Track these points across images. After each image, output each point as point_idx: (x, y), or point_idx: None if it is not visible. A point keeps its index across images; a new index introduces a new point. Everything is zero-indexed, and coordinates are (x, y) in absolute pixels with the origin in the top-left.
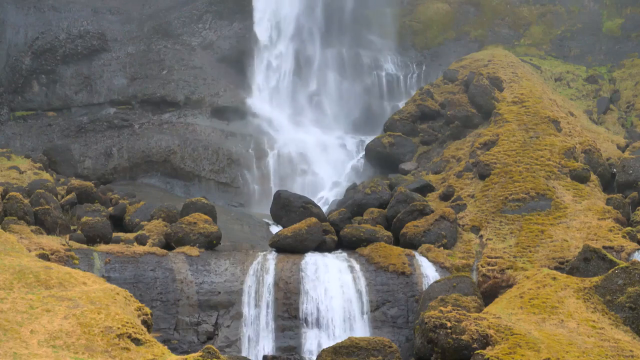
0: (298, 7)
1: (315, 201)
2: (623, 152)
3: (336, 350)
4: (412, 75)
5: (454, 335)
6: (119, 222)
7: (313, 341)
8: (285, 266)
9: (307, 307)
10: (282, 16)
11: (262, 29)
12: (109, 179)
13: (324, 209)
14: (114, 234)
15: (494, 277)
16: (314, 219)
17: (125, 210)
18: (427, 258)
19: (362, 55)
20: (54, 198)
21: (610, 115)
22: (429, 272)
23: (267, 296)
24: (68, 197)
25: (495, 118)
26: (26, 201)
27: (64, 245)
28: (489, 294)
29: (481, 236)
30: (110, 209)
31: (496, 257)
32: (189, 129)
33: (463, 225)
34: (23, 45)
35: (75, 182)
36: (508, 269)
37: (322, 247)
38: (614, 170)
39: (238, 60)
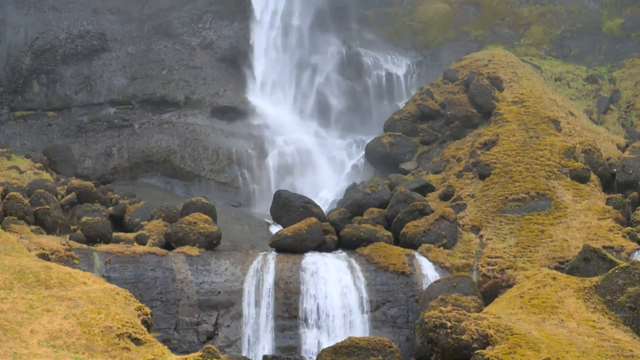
0: (298, 6)
1: (315, 201)
2: (623, 152)
3: (336, 350)
4: (412, 75)
5: (454, 335)
6: (119, 222)
7: (313, 341)
8: (286, 266)
9: (307, 307)
10: (282, 16)
11: (262, 28)
12: (109, 179)
13: (324, 209)
14: (114, 234)
15: (494, 277)
16: (314, 219)
17: (125, 210)
18: (427, 258)
19: (362, 55)
20: (54, 198)
21: (610, 115)
22: (429, 272)
23: (267, 296)
24: (68, 197)
25: (495, 118)
26: (26, 201)
27: (64, 245)
28: (489, 294)
29: (481, 236)
30: (110, 209)
31: (496, 257)
32: (189, 129)
33: (463, 225)
34: (23, 45)
35: (75, 182)
36: (508, 268)
37: (322, 247)
38: (614, 170)
39: (238, 60)
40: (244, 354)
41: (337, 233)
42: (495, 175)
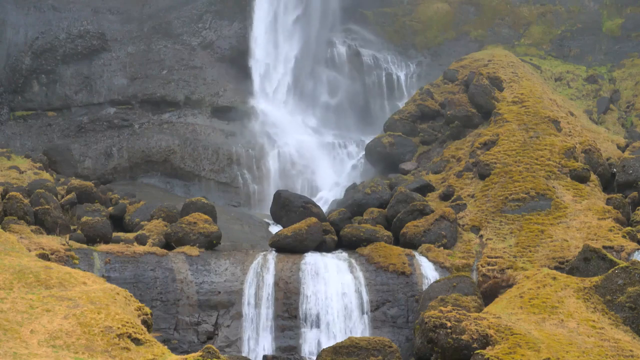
0: (298, 6)
1: (315, 201)
2: (623, 152)
3: (336, 350)
4: (412, 75)
5: (454, 335)
6: (119, 222)
7: (313, 341)
8: (285, 266)
9: (307, 307)
10: (282, 16)
11: (261, 28)
12: (109, 179)
13: (324, 209)
14: (114, 234)
15: (494, 277)
16: (314, 219)
17: (125, 210)
18: (427, 258)
19: (362, 55)
20: (54, 198)
21: (610, 115)
22: (429, 272)
23: (267, 296)
24: (68, 197)
25: (495, 118)
26: (26, 201)
27: (64, 245)
28: (489, 293)
29: (481, 236)
30: (110, 208)
31: (496, 257)
32: (189, 128)
33: (463, 225)
34: (23, 45)
35: (75, 182)
36: (508, 268)
37: (322, 247)
38: (614, 170)
39: (238, 60)
40: (244, 354)
41: (337, 233)
42: (495, 175)
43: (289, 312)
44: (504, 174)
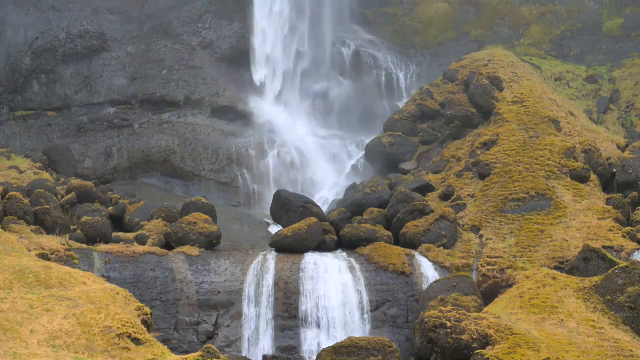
0: (298, 6)
1: (315, 201)
2: (623, 152)
3: (336, 350)
4: (412, 75)
5: (454, 335)
6: (119, 222)
7: (313, 341)
8: (285, 266)
9: (307, 307)
10: (282, 16)
11: (261, 28)
12: (109, 179)
13: (324, 209)
14: (114, 234)
15: (494, 277)
16: (314, 219)
17: (125, 210)
18: (427, 258)
19: (362, 55)
20: (54, 198)
21: (610, 115)
22: (429, 272)
23: (267, 296)
24: (68, 197)
25: (495, 118)
26: (26, 201)
27: (64, 245)
28: (489, 293)
29: (481, 236)
30: (110, 208)
31: (496, 257)
32: (189, 128)
33: (463, 225)
34: (23, 45)
35: (75, 182)
36: (508, 268)
37: (322, 247)
38: (614, 170)
39: (238, 60)
40: (244, 354)
41: (337, 233)
42: (495, 175)
43: (289, 312)
44: (504, 174)
